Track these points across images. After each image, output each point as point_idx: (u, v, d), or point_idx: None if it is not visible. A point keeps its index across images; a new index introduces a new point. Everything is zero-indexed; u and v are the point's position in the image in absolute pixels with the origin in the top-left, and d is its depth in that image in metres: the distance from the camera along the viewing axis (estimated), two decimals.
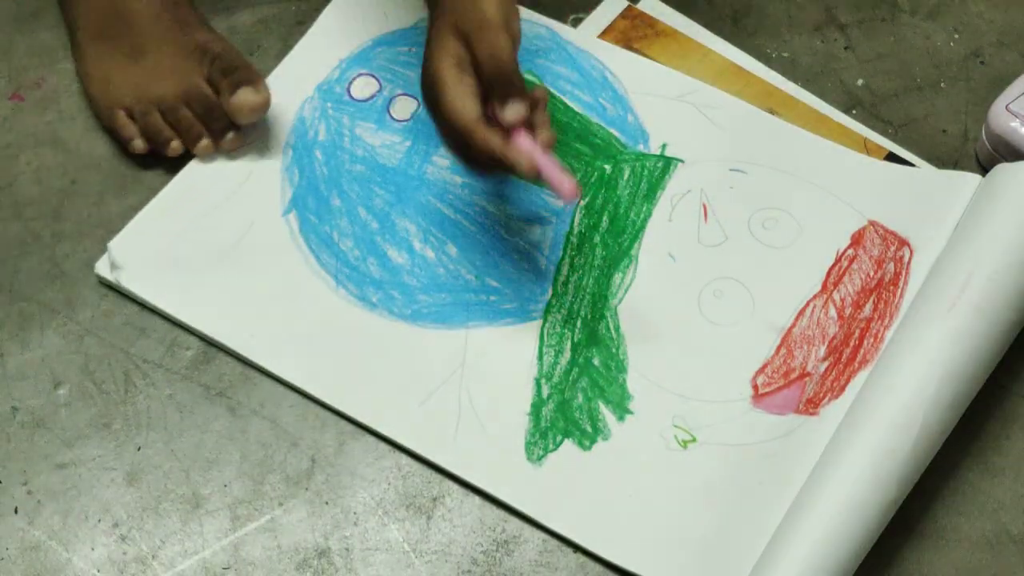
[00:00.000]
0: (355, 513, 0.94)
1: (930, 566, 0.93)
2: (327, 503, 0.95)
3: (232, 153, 1.08)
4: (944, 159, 1.09)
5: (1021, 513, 0.95)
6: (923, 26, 1.17)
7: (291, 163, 1.08)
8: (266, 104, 1.07)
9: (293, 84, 1.11)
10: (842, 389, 0.96)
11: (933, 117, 1.12)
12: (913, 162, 1.08)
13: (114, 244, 1.03)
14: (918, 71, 1.15)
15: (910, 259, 1.01)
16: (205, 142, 1.07)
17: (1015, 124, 1.06)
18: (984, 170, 1.07)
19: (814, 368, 0.98)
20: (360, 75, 1.12)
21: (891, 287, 1.01)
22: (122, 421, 0.98)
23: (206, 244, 1.04)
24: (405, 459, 0.96)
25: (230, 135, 1.07)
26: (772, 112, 1.10)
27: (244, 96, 1.06)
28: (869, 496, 0.88)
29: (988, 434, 0.97)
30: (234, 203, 1.06)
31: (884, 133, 1.10)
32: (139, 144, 1.07)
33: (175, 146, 1.07)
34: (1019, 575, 0.93)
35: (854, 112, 1.12)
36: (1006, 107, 1.07)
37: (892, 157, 1.08)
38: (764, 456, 0.95)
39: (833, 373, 0.97)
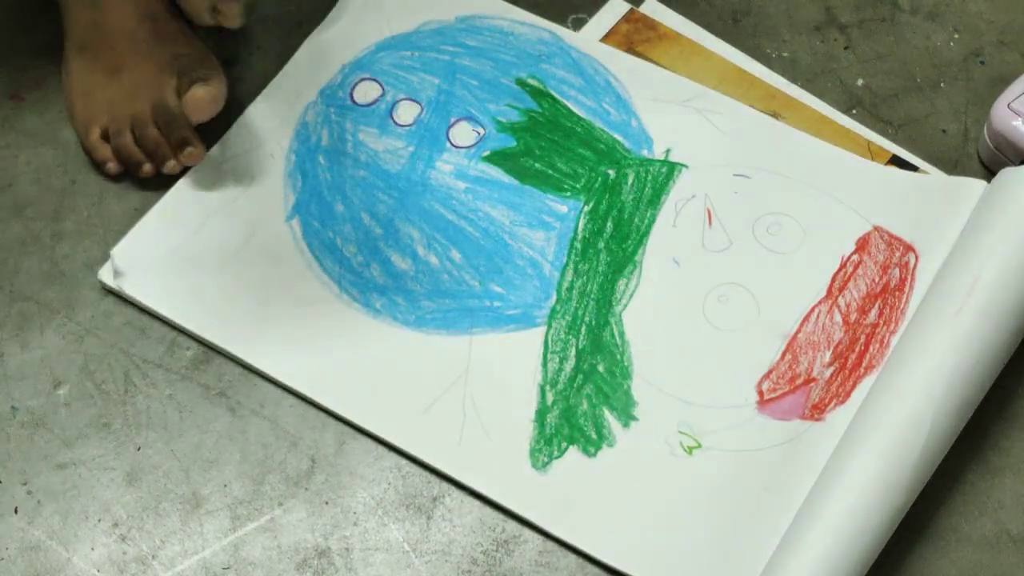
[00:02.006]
0: (355, 513, 0.95)
1: (930, 566, 0.93)
2: (327, 503, 0.95)
3: (233, 160, 1.07)
4: (944, 159, 1.09)
5: (1021, 513, 0.95)
6: (923, 26, 1.17)
7: (294, 168, 1.08)
8: (216, 96, 1.06)
9: (296, 88, 1.11)
10: (848, 395, 0.97)
11: (933, 117, 1.12)
12: (916, 163, 1.08)
13: (117, 251, 1.03)
14: (918, 71, 1.15)
15: (915, 264, 1.01)
16: (172, 163, 1.06)
17: (1017, 123, 1.06)
18: (986, 169, 1.07)
19: (819, 374, 0.98)
20: (363, 80, 1.12)
21: (896, 292, 1.01)
22: (122, 421, 0.98)
23: (209, 249, 1.04)
24: (405, 459, 0.96)
25: (187, 150, 1.05)
26: (775, 116, 1.10)
27: (195, 92, 1.05)
28: (876, 502, 0.89)
29: (988, 434, 0.98)
30: (237, 208, 1.06)
31: (884, 133, 1.10)
32: (113, 167, 1.07)
33: (147, 169, 1.06)
34: (1019, 575, 0.93)
35: (854, 112, 1.12)
36: (1008, 105, 1.07)
37: (896, 160, 1.08)
38: (770, 462, 0.95)
39: (839, 379, 0.97)
